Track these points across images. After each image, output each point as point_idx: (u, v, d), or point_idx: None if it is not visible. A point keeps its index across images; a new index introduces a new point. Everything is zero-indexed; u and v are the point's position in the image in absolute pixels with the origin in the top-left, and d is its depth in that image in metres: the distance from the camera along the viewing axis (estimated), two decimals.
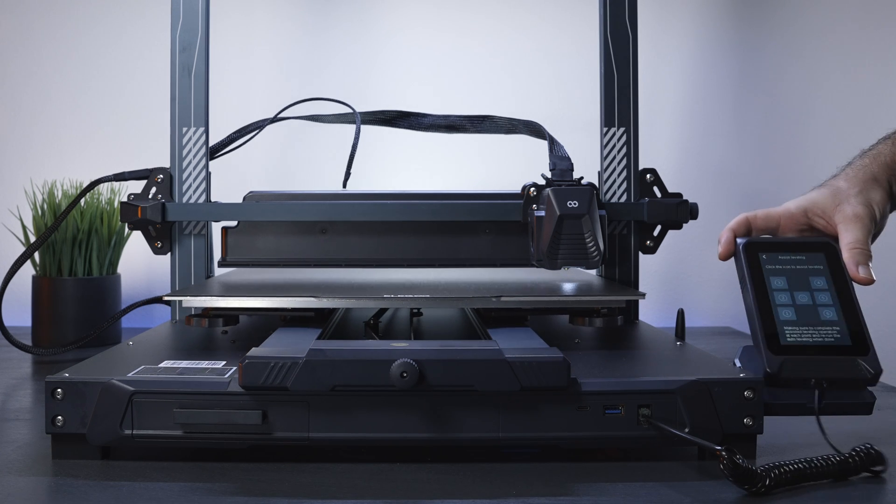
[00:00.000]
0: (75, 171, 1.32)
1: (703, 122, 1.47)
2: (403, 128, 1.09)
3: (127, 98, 1.42)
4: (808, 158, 1.46)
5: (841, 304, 0.68)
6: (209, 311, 0.84)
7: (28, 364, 1.04)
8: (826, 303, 0.68)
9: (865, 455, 0.60)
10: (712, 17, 1.48)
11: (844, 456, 0.59)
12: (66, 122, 1.43)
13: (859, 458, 0.60)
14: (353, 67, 1.44)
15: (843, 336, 0.66)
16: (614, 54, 0.99)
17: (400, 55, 1.44)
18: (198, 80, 0.99)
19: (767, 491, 0.56)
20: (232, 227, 0.99)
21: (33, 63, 1.43)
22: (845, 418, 0.69)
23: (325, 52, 1.44)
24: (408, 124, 1.08)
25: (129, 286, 1.36)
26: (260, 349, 0.63)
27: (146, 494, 0.57)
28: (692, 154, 1.47)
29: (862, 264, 0.71)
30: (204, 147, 0.99)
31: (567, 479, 0.59)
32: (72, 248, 1.15)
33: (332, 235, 0.97)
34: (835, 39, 1.47)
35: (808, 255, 0.71)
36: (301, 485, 0.59)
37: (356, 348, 0.61)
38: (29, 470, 0.61)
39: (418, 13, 1.45)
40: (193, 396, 0.61)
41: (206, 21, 1.00)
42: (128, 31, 1.43)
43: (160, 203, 0.97)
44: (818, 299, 0.68)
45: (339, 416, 0.61)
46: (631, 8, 0.99)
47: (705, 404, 0.62)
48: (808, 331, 0.66)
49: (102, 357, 0.71)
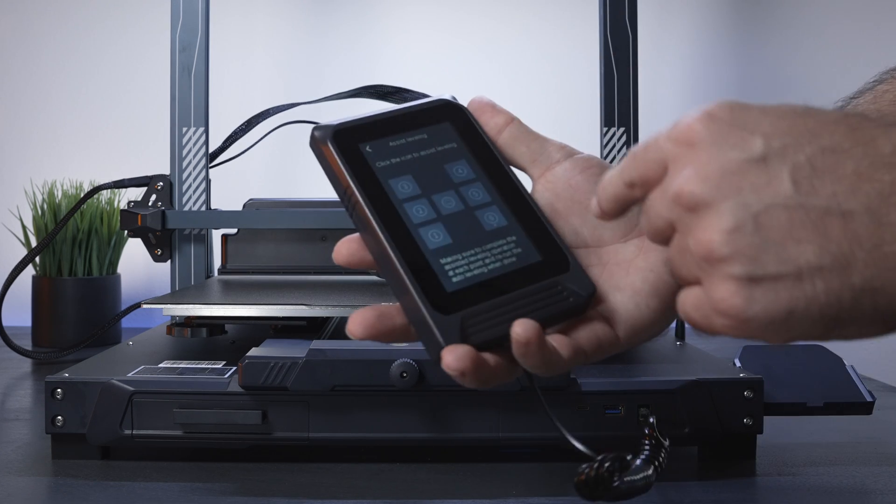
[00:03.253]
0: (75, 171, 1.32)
1: None
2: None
3: (127, 98, 1.42)
4: None
5: (503, 197, 0.44)
6: (192, 320, 0.78)
7: (28, 364, 1.04)
8: (483, 201, 0.44)
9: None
10: (712, 17, 1.48)
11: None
12: (66, 122, 1.43)
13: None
14: (354, 68, 1.44)
15: (527, 248, 0.43)
16: (614, 54, 0.99)
17: (400, 55, 1.44)
18: (198, 81, 0.99)
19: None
20: (232, 234, 0.99)
21: (33, 63, 1.43)
22: (845, 418, 0.69)
23: (326, 53, 1.44)
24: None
25: (129, 286, 1.35)
26: (259, 349, 0.63)
27: (146, 494, 0.57)
28: None
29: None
30: (204, 148, 0.99)
31: (567, 479, 0.59)
32: (72, 248, 1.15)
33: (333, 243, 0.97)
34: (834, 38, 1.47)
35: (429, 130, 0.45)
36: (301, 485, 0.59)
37: (356, 348, 0.61)
38: (29, 470, 0.61)
39: (418, 14, 1.45)
40: (193, 396, 0.61)
41: (206, 21, 1.00)
42: (128, 31, 1.43)
43: (160, 210, 0.96)
44: (470, 198, 0.44)
45: (339, 416, 0.61)
46: (631, 8, 0.99)
47: (705, 404, 0.62)
48: (475, 256, 0.42)
49: (102, 357, 0.71)
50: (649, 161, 0.36)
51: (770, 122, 0.34)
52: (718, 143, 0.34)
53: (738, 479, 0.61)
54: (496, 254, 0.42)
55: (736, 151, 0.34)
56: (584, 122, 1.31)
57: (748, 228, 0.33)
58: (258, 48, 1.44)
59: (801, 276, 0.32)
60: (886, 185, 0.32)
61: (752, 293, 0.33)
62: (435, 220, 0.42)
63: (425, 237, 0.41)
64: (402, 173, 0.43)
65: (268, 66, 1.44)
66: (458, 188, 0.44)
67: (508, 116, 0.46)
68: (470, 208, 0.43)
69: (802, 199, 0.32)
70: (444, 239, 0.42)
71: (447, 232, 0.42)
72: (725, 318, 0.34)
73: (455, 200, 0.43)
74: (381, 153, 0.43)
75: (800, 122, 0.34)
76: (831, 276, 0.32)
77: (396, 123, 0.45)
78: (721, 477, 0.59)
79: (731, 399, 0.62)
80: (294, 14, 1.45)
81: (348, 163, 0.42)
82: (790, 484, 0.60)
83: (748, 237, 0.33)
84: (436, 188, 0.43)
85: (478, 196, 0.43)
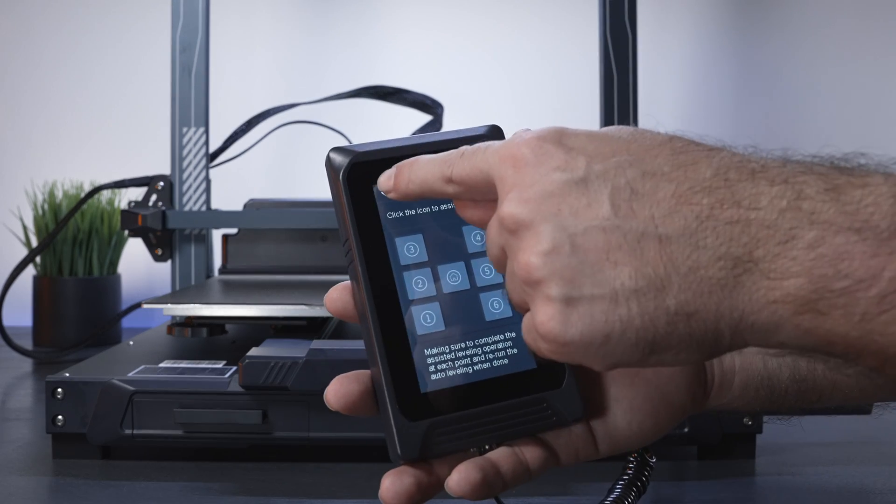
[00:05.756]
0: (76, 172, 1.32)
1: (703, 122, 1.47)
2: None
3: (127, 98, 1.42)
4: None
5: None
6: (192, 320, 0.78)
7: (28, 364, 1.04)
8: (493, 282, 0.38)
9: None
10: (712, 17, 1.48)
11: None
12: (66, 122, 1.43)
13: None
14: (354, 68, 1.44)
15: (523, 351, 0.38)
16: (614, 54, 0.99)
17: (400, 55, 1.44)
18: (198, 81, 0.99)
19: None
20: (232, 234, 0.99)
21: (33, 63, 1.43)
22: (844, 418, 0.69)
23: (326, 53, 1.44)
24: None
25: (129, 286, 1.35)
26: (260, 349, 0.63)
27: (146, 494, 0.57)
28: None
29: None
30: (204, 148, 0.99)
31: (567, 479, 0.59)
32: (72, 248, 1.15)
33: (333, 243, 0.97)
34: (834, 37, 1.47)
35: None
36: (301, 485, 0.59)
37: (356, 348, 0.62)
38: (29, 469, 0.61)
39: (418, 14, 1.45)
40: (194, 396, 0.61)
41: (206, 21, 1.00)
42: (128, 31, 1.43)
43: (160, 211, 0.97)
44: (480, 275, 0.38)
45: (340, 416, 0.61)
46: (631, 8, 0.99)
47: None
48: (464, 352, 0.37)
49: (103, 357, 0.71)
50: (475, 167, 0.35)
51: (595, 146, 0.33)
52: (542, 164, 0.33)
53: (737, 478, 0.61)
54: (488, 352, 0.37)
55: (558, 173, 0.33)
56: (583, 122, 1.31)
57: (565, 250, 0.32)
58: (258, 48, 1.44)
59: (617, 299, 0.31)
60: (704, 209, 0.31)
61: (569, 316, 0.32)
62: (432, 299, 0.37)
63: (416, 318, 0.37)
64: (411, 231, 0.38)
65: (268, 66, 1.44)
66: (469, 260, 0.38)
67: None
68: (476, 288, 0.38)
69: (620, 221, 0.32)
70: (437, 324, 0.37)
71: (442, 316, 0.37)
72: (547, 342, 0.33)
73: (462, 276, 0.38)
74: (392, 202, 0.38)
75: (624, 145, 0.33)
76: (646, 298, 0.31)
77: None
78: (720, 477, 0.60)
79: None
80: (294, 14, 1.45)
81: (355, 207, 0.37)
82: (789, 484, 0.60)
83: (565, 258, 0.32)
84: (445, 256, 0.38)
85: (489, 274, 0.38)
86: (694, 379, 0.41)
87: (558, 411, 0.37)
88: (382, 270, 0.37)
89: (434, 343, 0.37)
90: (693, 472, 0.62)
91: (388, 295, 0.37)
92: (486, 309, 0.38)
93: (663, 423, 0.40)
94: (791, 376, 0.41)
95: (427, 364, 0.36)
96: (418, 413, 0.36)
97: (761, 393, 0.42)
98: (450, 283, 0.38)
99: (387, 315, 0.36)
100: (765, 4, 1.48)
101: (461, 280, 0.38)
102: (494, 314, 0.38)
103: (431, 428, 0.36)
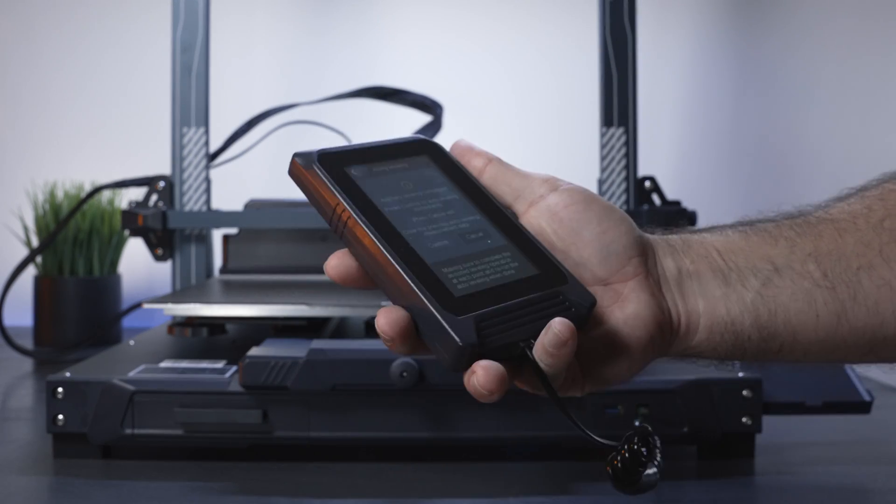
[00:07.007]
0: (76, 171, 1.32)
1: (703, 122, 1.47)
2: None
3: (127, 98, 1.42)
4: (809, 158, 1.46)
5: (491, 219, 0.44)
6: (193, 320, 0.78)
7: (29, 363, 1.04)
8: (473, 221, 0.44)
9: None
10: (712, 16, 1.48)
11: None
12: (66, 122, 1.43)
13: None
14: (354, 68, 1.44)
15: (522, 263, 0.42)
16: (614, 54, 0.99)
17: (400, 55, 1.45)
18: (198, 81, 0.99)
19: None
20: (233, 234, 0.99)
21: (33, 63, 1.43)
22: (843, 418, 0.69)
23: (326, 53, 1.44)
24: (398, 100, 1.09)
25: (129, 286, 1.36)
26: (260, 349, 0.63)
27: (147, 493, 0.57)
28: (691, 153, 1.47)
29: None
30: (204, 148, 0.99)
31: (567, 479, 0.60)
32: (73, 248, 1.15)
33: (333, 243, 0.97)
34: (833, 37, 1.47)
35: (409, 161, 0.46)
36: (301, 484, 0.59)
37: (356, 348, 0.62)
38: (30, 469, 0.62)
39: (418, 14, 1.46)
40: (194, 396, 0.61)
41: (207, 21, 1.00)
42: (128, 31, 1.43)
43: (161, 211, 0.97)
44: (460, 218, 0.43)
45: (340, 416, 0.61)
46: (631, 8, 0.99)
47: (704, 404, 0.62)
48: (475, 268, 0.42)
49: (103, 356, 0.71)
50: None
51: None
52: None
53: (736, 478, 0.61)
54: (494, 266, 0.42)
55: None
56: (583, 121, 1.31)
57: None
58: (258, 48, 1.44)
59: None
60: None
61: None
62: (430, 236, 0.41)
63: (424, 250, 0.41)
64: (390, 193, 0.43)
65: (268, 66, 1.44)
66: (446, 210, 0.43)
67: (487, 157, 0.45)
68: (461, 227, 0.43)
69: None
70: (442, 252, 0.41)
71: (444, 246, 0.41)
72: None
73: (446, 220, 0.43)
74: (366, 176, 0.43)
75: None
76: None
77: (375, 153, 0.45)
78: (720, 476, 0.60)
79: (729, 398, 0.62)
80: (294, 14, 1.45)
81: (337, 182, 0.42)
82: (789, 483, 0.60)
83: None
84: (426, 209, 0.43)
85: (467, 217, 0.43)
86: (652, 320, 0.42)
87: (575, 302, 0.41)
88: (381, 222, 0.41)
89: (447, 265, 0.41)
90: (693, 471, 0.62)
91: (395, 238, 0.40)
92: (476, 239, 0.43)
93: (634, 364, 0.43)
94: (753, 323, 0.42)
95: (450, 279, 0.40)
96: (461, 310, 0.39)
97: (726, 338, 0.43)
98: (438, 225, 0.42)
99: (401, 252, 0.40)
100: (764, 5, 1.48)
101: (446, 222, 0.43)
102: (485, 242, 0.42)
103: (478, 321, 0.39)
